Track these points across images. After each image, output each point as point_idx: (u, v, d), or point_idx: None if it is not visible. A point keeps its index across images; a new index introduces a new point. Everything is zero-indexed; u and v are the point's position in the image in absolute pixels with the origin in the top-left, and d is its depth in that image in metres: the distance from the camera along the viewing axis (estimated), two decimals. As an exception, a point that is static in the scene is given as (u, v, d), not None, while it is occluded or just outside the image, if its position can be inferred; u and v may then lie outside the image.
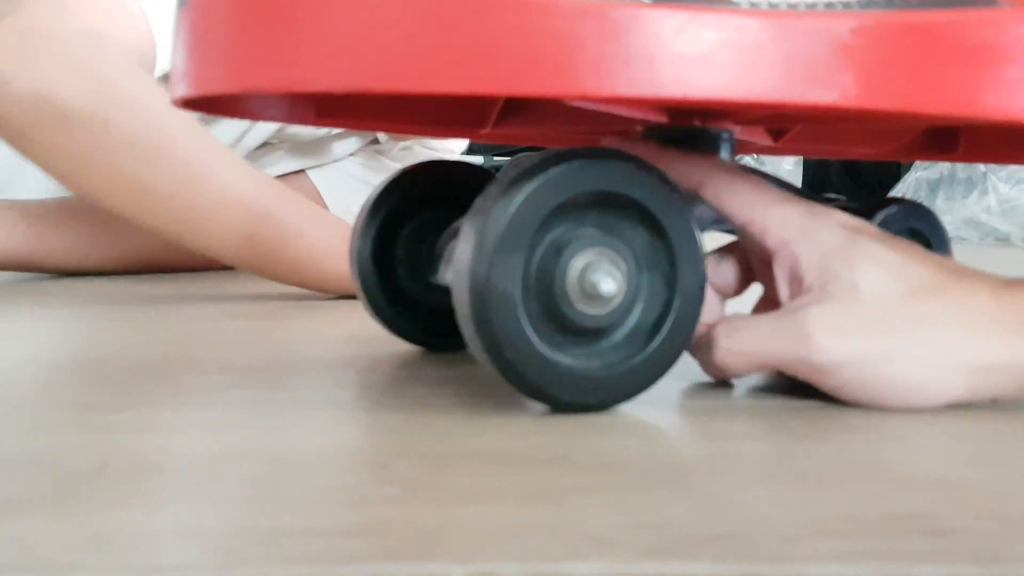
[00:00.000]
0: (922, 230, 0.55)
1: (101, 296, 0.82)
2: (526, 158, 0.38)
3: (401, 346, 0.55)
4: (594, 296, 0.38)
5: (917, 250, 0.41)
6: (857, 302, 0.39)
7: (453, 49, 0.33)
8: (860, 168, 2.51)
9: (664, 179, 0.39)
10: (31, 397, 0.43)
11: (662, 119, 0.48)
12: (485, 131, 0.54)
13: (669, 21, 0.33)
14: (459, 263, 0.37)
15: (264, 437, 0.36)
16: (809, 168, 2.50)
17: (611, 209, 0.38)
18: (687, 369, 0.48)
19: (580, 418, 0.38)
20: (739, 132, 0.51)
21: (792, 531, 0.27)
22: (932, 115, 0.36)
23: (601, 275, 0.37)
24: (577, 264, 0.38)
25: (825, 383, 0.40)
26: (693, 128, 0.47)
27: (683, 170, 0.42)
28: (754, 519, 0.28)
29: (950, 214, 2.21)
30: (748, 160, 2.48)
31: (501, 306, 0.36)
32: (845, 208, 0.50)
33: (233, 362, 0.51)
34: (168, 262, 0.96)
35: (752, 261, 0.45)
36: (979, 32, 0.36)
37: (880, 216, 0.55)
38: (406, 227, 0.52)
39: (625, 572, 0.24)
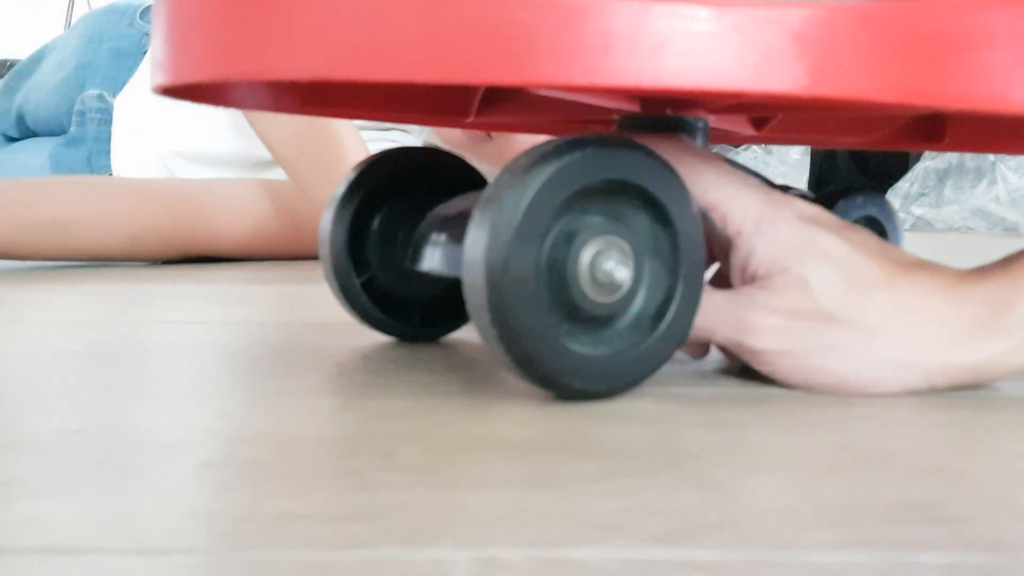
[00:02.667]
0: (878, 218, 0.58)
1: (104, 282, 0.82)
2: (540, 146, 0.38)
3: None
4: (605, 284, 0.38)
5: (871, 243, 0.41)
6: (804, 295, 0.39)
7: (417, 38, 0.34)
8: (868, 158, 2.50)
9: (669, 167, 0.39)
10: (40, 382, 0.43)
11: (635, 108, 0.48)
12: (469, 119, 0.54)
13: (624, 10, 0.33)
14: (472, 252, 0.37)
15: (268, 422, 0.36)
16: (817, 157, 2.49)
17: (616, 197, 0.38)
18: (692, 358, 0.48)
19: (585, 405, 0.38)
20: (714, 121, 0.52)
21: (795, 519, 0.27)
22: (888, 104, 0.36)
23: (614, 263, 0.38)
24: (588, 252, 0.38)
25: (762, 368, 0.41)
26: (666, 117, 0.47)
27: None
28: (758, 507, 0.28)
29: (958, 204, 2.21)
30: (755, 149, 2.47)
31: (518, 295, 0.36)
32: (803, 199, 0.51)
33: (238, 348, 0.51)
34: (115, 257, 0.96)
35: (712, 240, 0.45)
36: (936, 20, 0.36)
37: (840, 205, 0.57)
38: (378, 216, 0.51)
39: (629, 558, 0.24)
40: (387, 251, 0.51)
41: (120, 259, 0.95)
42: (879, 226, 0.58)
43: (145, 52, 1.23)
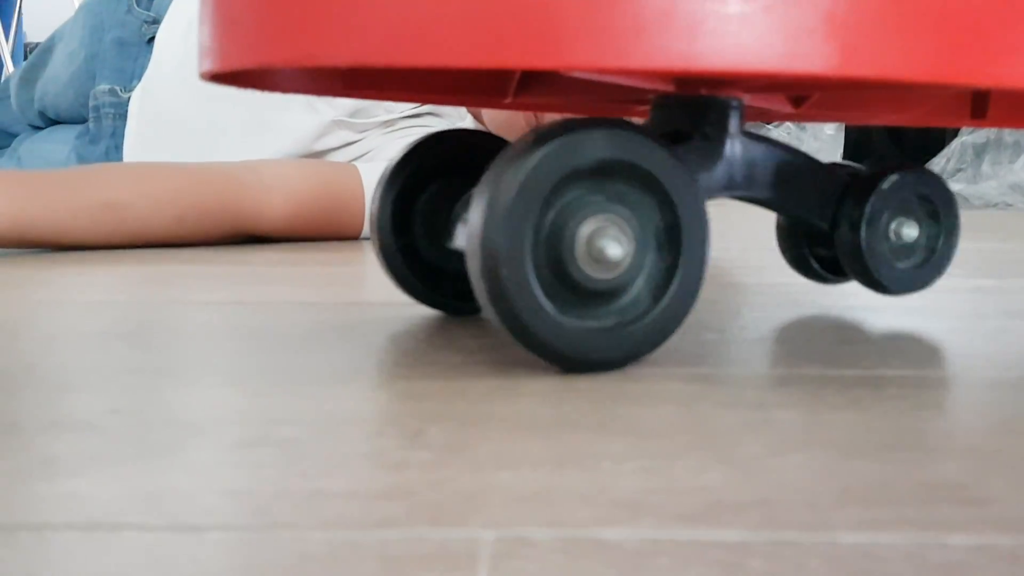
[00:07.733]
0: (931, 198, 0.52)
1: (140, 263, 0.83)
2: (545, 127, 0.39)
3: (434, 313, 0.55)
4: (600, 260, 0.39)
5: None
6: None
7: (457, 24, 0.34)
8: (904, 132, 2.47)
9: (670, 149, 0.40)
10: (78, 362, 0.44)
11: (669, 88, 0.48)
12: (507, 100, 0.55)
13: None
14: (471, 227, 0.39)
15: (301, 402, 0.36)
16: (851, 133, 2.46)
17: (617, 177, 0.40)
18: (721, 339, 0.48)
19: (613, 385, 0.38)
20: (750, 100, 0.51)
21: (824, 499, 0.27)
22: (920, 83, 0.36)
23: (608, 240, 0.39)
24: (585, 229, 0.39)
25: None
26: (701, 97, 0.47)
27: None
28: (786, 486, 0.28)
29: (996, 179, 2.17)
30: (789, 125, 2.45)
31: (510, 269, 0.38)
32: (855, 174, 0.50)
33: (272, 329, 0.52)
34: (163, 238, 0.96)
35: None
36: None
37: (887, 181, 0.50)
38: (424, 195, 0.52)
39: (656, 538, 0.24)
40: (432, 226, 0.53)
41: (168, 241, 0.96)
42: (931, 206, 0.52)
43: (147, 41, 1.23)
